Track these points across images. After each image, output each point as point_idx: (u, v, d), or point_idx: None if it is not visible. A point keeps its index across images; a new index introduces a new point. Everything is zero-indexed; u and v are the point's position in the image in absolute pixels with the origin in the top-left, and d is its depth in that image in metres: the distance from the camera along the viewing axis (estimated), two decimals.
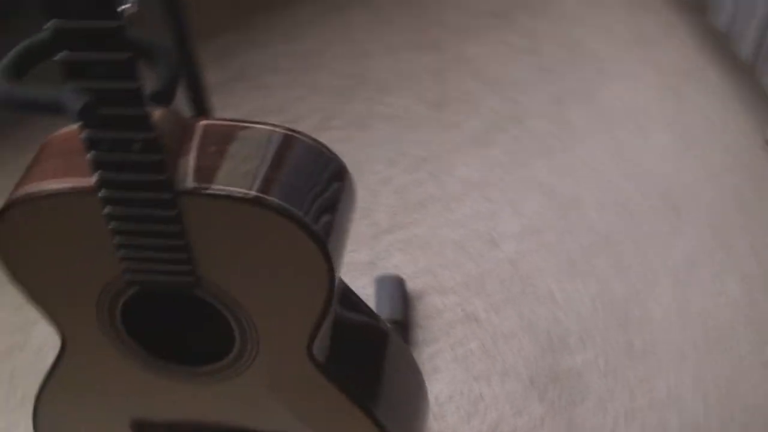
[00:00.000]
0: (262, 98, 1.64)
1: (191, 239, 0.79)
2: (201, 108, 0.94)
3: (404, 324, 1.32)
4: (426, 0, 1.70)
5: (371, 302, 1.35)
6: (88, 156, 0.74)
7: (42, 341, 1.35)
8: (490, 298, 1.33)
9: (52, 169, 0.82)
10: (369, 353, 1.00)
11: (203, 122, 0.82)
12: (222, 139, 0.81)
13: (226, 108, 1.65)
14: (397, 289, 1.35)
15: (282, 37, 1.71)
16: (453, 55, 1.60)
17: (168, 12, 0.84)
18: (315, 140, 0.85)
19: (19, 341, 1.38)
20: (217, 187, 0.77)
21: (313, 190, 0.82)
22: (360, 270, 1.40)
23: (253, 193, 0.77)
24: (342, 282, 0.97)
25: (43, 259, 0.86)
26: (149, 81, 0.70)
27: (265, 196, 0.77)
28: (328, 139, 1.53)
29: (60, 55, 0.68)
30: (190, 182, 0.77)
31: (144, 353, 0.92)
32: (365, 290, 1.36)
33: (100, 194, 0.77)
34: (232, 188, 0.77)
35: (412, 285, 1.37)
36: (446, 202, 1.44)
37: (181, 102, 1.13)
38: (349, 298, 1.00)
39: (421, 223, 1.43)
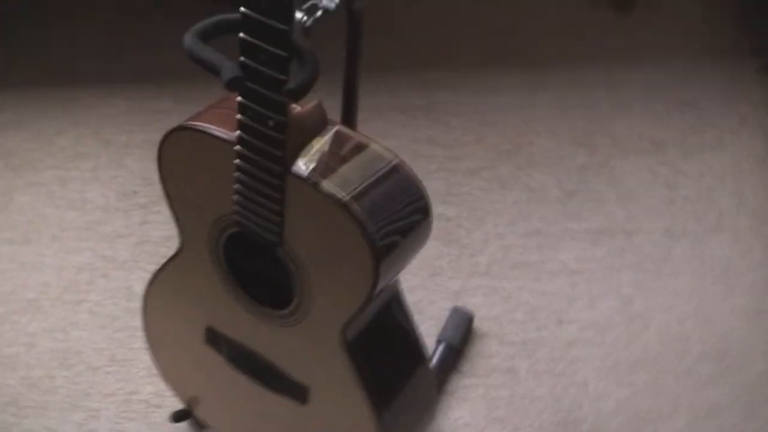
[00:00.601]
0: (437, 131, 1.67)
1: (287, 209, 0.84)
2: (347, 116, 0.98)
3: (458, 350, 1.32)
4: (603, 110, 1.67)
5: (442, 322, 1.36)
6: (237, 117, 0.80)
7: None
8: (536, 364, 1.31)
9: (218, 116, 0.88)
10: (397, 362, 1.01)
11: (338, 127, 0.86)
12: (343, 145, 0.85)
13: (407, 126, 1.70)
14: (465, 321, 1.35)
15: (476, 92, 1.74)
16: (602, 159, 1.58)
17: (348, 34, 0.88)
18: (415, 177, 0.87)
19: None
20: (320, 181, 0.81)
21: (393, 216, 0.84)
22: (446, 295, 1.41)
23: (346, 198, 0.80)
24: (398, 298, 0.99)
25: (186, 177, 0.93)
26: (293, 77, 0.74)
27: (353, 205, 0.80)
28: (472, 184, 1.56)
29: (240, 35, 0.73)
30: (301, 167, 0.81)
31: (229, 279, 0.97)
32: (443, 312, 1.38)
33: (236, 148, 0.82)
34: (330, 186, 0.81)
35: (479, 324, 1.36)
36: (539, 272, 1.42)
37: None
38: (404, 313, 1.01)
39: (511, 280, 1.42)
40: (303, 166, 0.82)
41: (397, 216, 0.84)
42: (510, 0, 1.92)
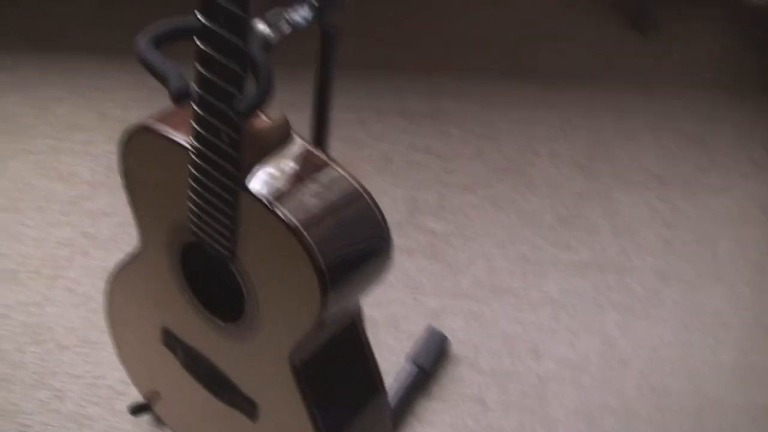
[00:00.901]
0: (437, 141, 1.61)
1: (240, 225, 0.79)
2: (317, 135, 0.93)
3: (428, 373, 1.28)
4: (608, 137, 1.60)
5: (415, 340, 1.31)
6: (192, 125, 0.75)
7: None
8: (506, 396, 1.26)
9: (179, 119, 0.83)
10: (349, 392, 0.96)
11: (303, 145, 0.81)
12: (304, 166, 0.80)
13: (407, 132, 1.65)
14: (438, 344, 1.30)
15: (482, 105, 1.68)
16: (600, 189, 1.51)
17: (321, 52, 0.83)
18: (377, 209, 0.82)
19: None
20: (273, 202, 0.76)
21: (347, 248, 0.79)
22: (424, 312, 1.36)
23: (298, 223, 0.75)
24: (356, 324, 0.94)
25: (146, 177, 0.89)
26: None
27: (303, 232, 0.75)
28: (465, 200, 1.50)
29: (196, 42, 0.68)
30: (256, 185, 0.77)
31: (185, 285, 0.93)
32: (419, 329, 1.33)
33: (190, 156, 0.78)
34: (284, 209, 0.76)
35: (454, 347, 1.32)
36: (522, 300, 1.37)
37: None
38: (361, 341, 0.96)
39: (492, 305, 1.37)
40: (258, 183, 0.77)
41: (352, 249, 0.79)
42: (528, 13, 1.85)
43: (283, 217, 0.75)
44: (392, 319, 1.35)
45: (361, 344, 0.95)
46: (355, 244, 0.79)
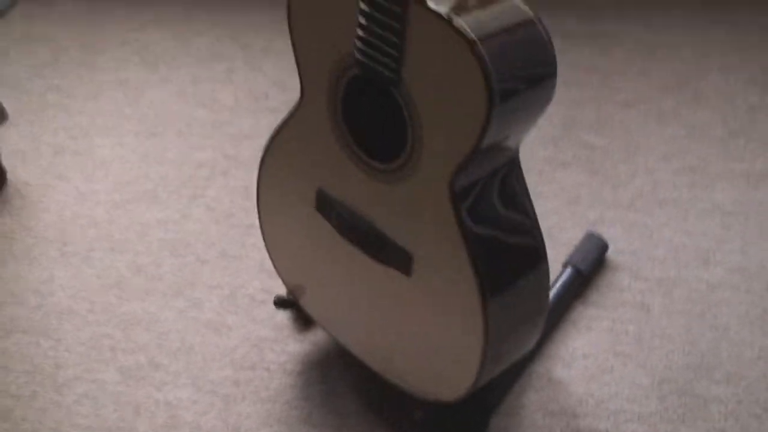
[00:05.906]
0: (597, 61, 1.70)
1: (407, 42, 0.91)
2: None
3: (585, 277, 1.34)
4: None
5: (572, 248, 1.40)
6: None
7: None
8: (672, 303, 1.31)
9: None
10: (510, 245, 1.05)
11: None
12: None
13: (564, 52, 1.73)
14: (598, 248, 1.37)
15: (645, 24, 1.74)
16: None
17: None
18: (549, 38, 0.93)
19: None
20: (452, 17, 0.87)
21: (518, 67, 0.90)
22: (581, 222, 1.43)
23: (471, 36, 0.86)
24: (514, 172, 1.04)
25: (311, 18, 1.03)
26: None
27: (479, 45, 0.86)
28: (627, 116, 1.57)
29: None
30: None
31: (344, 131, 1.06)
32: (575, 240, 1.41)
33: None
34: (461, 24, 0.87)
35: (613, 257, 1.38)
36: (688, 211, 1.42)
37: None
38: (524, 201, 1.07)
39: (655, 216, 1.42)
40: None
41: (522, 69, 0.89)
42: None
43: (461, 30, 0.87)
44: (548, 231, 1.42)
45: (522, 197, 1.05)
46: (524, 66, 0.90)
